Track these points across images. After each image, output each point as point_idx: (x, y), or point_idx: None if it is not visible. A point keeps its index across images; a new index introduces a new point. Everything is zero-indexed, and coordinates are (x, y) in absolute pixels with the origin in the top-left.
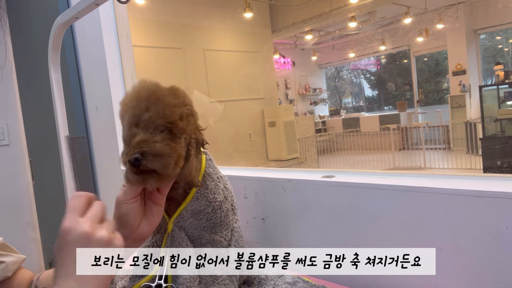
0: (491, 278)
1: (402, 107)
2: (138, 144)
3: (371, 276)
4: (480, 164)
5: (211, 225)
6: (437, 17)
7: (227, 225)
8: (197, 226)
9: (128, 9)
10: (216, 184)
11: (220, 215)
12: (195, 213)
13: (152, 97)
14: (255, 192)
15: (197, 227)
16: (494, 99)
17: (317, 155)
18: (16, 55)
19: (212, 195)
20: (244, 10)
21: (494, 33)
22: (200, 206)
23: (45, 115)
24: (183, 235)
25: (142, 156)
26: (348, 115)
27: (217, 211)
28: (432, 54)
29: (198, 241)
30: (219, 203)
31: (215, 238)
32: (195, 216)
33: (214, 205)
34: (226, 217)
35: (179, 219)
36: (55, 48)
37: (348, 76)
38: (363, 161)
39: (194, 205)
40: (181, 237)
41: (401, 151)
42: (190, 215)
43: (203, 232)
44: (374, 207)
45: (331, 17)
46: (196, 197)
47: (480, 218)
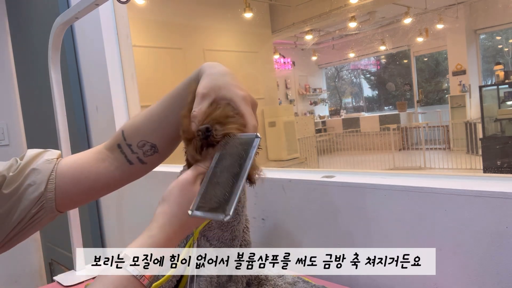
0: (491, 278)
1: (402, 107)
2: (204, 114)
3: (371, 276)
4: (480, 164)
5: (232, 238)
6: (437, 17)
7: (241, 237)
8: (220, 238)
9: (128, 9)
10: (244, 195)
11: (241, 228)
12: (223, 225)
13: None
14: (255, 192)
15: (220, 239)
16: (494, 99)
17: (317, 155)
18: (16, 55)
19: (241, 208)
20: (244, 10)
21: (494, 33)
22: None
23: (45, 115)
24: (208, 245)
25: (211, 126)
26: (348, 115)
27: (241, 224)
28: (432, 54)
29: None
30: (244, 216)
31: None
32: (222, 228)
33: (241, 218)
34: (242, 229)
35: (205, 228)
36: (55, 48)
37: (348, 76)
38: (363, 161)
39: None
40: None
41: (401, 151)
42: (217, 226)
43: (223, 245)
44: (374, 207)
45: (331, 17)
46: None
47: (480, 218)
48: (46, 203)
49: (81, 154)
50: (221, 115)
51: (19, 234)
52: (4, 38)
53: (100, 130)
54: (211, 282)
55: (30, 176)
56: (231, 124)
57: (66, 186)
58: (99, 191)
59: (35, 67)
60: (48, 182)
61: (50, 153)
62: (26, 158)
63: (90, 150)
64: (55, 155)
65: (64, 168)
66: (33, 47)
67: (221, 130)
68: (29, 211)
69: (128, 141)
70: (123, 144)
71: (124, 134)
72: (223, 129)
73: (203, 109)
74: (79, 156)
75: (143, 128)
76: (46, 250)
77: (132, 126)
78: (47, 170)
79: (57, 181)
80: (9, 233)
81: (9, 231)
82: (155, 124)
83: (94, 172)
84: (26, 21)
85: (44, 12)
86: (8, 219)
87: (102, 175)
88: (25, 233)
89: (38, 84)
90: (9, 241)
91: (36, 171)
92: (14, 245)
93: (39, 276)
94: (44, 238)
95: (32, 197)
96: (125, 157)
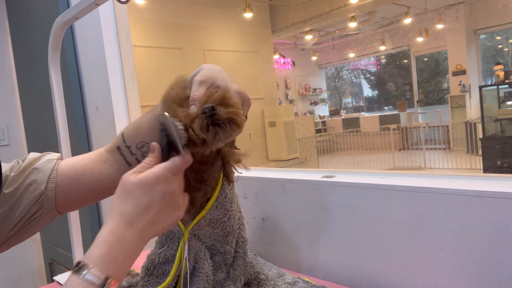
0: (491, 278)
1: (402, 107)
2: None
3: (371, 276)
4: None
5: (224, 234)
6: (437, 17)
7: (235, 233)
8: (211, 235)
9: (128, 9)
10: (232, 191)
11: (233, 223)
12: (212, 222)
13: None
14: (255, 192)
15: (211, 236)
16: (494, 99)
17: (317, 155)
18: (16, 55)
19: (229, 203)
20: (244, 10)
21: (494, 33)
22: (218, 215)
23: (45, 115)
24: (200, 244)
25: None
26: (348, 115)
27: (232, 220)
28: (432, 54)
29: (209, 251)
30: (234, 212)
31: (226, 248)
32: (212, 225)
33: (231, 214)
34: (235, 225)
35: (195, 227)
36: (55, 48)
37: (348, 76)
38: (363, 161)
39: (212, 214)
40: (198, 246)
41: (401, 151)
42: (207, 224)
43: (216, 242)
44: (374, 207)
45: (331, 17)
46: (215, 205)
47: (480, 218)
48: (46, 202)
49: (82, 156)
50: (221, 97)
51: (18, 234)
52: (4, 38)
53: (100, 130)
54: (207, 280)
55: (31, 175)
56: (231, 106)
57: (67, 186)
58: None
59: (35, 67)
60: (48, 181)
61: (51, 155)
62: (27, 159)
63: (91, 152)
64: (56, 157)
65: (65, 168)
66: (33, 47)
67: (225, 110)
68: (29, 209)
69: (127, 142)
70: (122, 146)
71: (124, 136)
72: (228, 111)
73: (202, 92)
74: (80, 157)
75: (142, 129)
76: (46, 250)
77: (132, 128)
78: (47, 169)
79: (58, 180)
80: (9, 232)
81: (10, 229)
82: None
83: (95, 173)
84: (26, 21)
85: (44, 12)
86: (9, 218)
87: (103, 177)
88: (24, 233)
89: (38, 84)
90: (8, 240)
91: (37, 170)
92: (12, 246)
93: (39, 276)
94: (44, 238)
95: (32, 196)
96: (124, 159)
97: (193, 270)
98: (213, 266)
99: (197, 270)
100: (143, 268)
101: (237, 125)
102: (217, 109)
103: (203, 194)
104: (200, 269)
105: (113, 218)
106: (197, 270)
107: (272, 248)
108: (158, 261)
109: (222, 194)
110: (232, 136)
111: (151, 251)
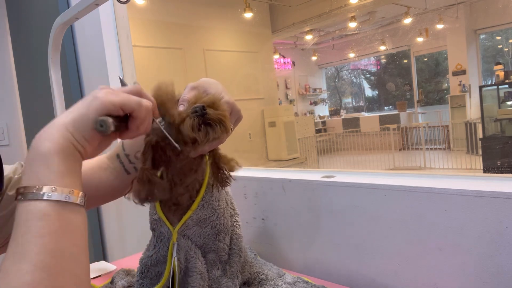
0: (491, 278)
1: (402, 107)
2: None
3: (371, 276)
4: (480, 164)
5: (215, 233)
6: (437, 17)
7: (227, 230)
8: (201, 234)
9: (128, 9)
10: (219, 190)
11: (223, 221)
12: (200, 221)
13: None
14: (255, 192)
15: (201, 235)
16: (494, 99)
17: (317, 155)
18: (16, 55)
19: (217, 202)
20: (244, 10)
21: (494, 33)
22: (206, 214)
23: (45, 115)
24: (190, 243)
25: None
26: (348, 115)
27: (221, 218)
28: (432, 54)
29: (201, 250)
30: (223, 210)
31: (219, 246)
32: (200, 224)
33: (219, 212)
34: (227, 222)
35: (183, 227)
36: (55, 48)
37: (348, 76)
38: (363, 161)
39: (199, 213)
40: (188, 246)
41: (401, 151)
42: (195, 223)
43: (207, 240)
44: (374, 207)
45: (331, 17)
46: (202, 205)
47: (480, 218)
48: None
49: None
50: (211, 100)
51: None
52: (4, 38)
53: None
54: (202, 278)
55: None
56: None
57: None
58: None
59: (35, 67)
60: None
61: None
62: None
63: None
64: None
65: None
66: (33, 47)
67: (215, 112)
68: None
69: (126, 151)
70: (122, 154)
71: (123, 144)
72: (217, 112)
73: (192, 95)
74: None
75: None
76: None
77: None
78: None
79: None
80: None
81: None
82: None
83: (96, 179)
84: (26, 21)
85: (44, 12)
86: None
87: (103, 183)
88: None
89: (38, 84)
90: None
91: None
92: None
93: None
94: None
95: None
96: (123, 167)
97: (187, 270)
98: (206, 263)
99: (190, 270)
100: (138, 273)
101: (226, 128)
102: (207, 110)
103: (188, 197)
104: (193, 268)
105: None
106: (190, 270)
107: (272, 248)
108: (150, 263)
109: (208, 194)
110: (221, 139)
111: (142, 255)
